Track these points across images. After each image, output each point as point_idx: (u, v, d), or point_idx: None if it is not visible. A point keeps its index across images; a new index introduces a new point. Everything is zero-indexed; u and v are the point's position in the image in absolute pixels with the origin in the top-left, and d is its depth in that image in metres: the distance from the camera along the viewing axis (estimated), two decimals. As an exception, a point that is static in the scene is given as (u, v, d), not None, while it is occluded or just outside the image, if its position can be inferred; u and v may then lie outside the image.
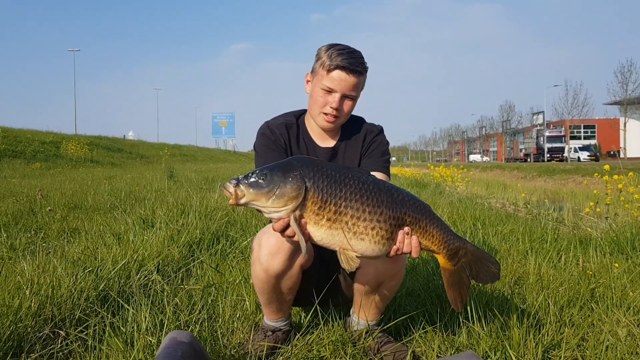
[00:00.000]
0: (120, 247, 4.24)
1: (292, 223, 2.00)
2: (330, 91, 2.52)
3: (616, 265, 3.97)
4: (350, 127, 2.72)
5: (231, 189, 1.99)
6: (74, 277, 3.27)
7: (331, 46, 2.53)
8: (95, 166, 28.10)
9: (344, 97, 2.52)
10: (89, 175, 17.75)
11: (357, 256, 2.07)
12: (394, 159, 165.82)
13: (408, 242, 2.12)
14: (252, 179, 2.00)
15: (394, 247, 2.12)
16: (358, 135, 2.72)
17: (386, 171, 2.67)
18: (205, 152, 63.85)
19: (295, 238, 2.04)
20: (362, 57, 2.54)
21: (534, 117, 73.96)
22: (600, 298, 3.33)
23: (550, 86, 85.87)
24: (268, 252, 2.40)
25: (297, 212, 2.01)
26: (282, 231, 2.06)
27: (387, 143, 2.77)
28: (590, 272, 3.78)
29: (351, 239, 2.04)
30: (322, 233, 2.04)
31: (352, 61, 2.47)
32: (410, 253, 2.14)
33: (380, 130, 2.76)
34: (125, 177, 15.62)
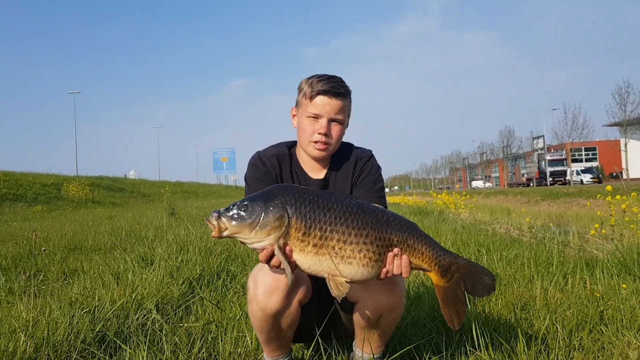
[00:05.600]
0: (118, 287, 4.17)
1: (277, 252, 1.97)
2: (316, 117, 2.50)
3: (624, 286, 3.90)
4: (339, 155, 2.68)
5: (213, 221, 1.98)
6: (70, 318, 3.20)
7: (311, 76, 2.54)
8: (96, 206, 28.04)
9: (331, 121, 2.50)
10: (90, 216, 17.71)
11: (346, 281, 2.03)
12: (396, 188, 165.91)
13: (398, 263, 2.08)
14: (234, 211, 1.98)
15: (384, 270, 2.08)
16: (348, 163, 2.67)
17: (381, 201, 2.61)
18: (207, 188, 63.90)
19: (282, 267, 1.99)
20: (344, 82, 2.54)
21: (534, 142, 74.11)
22: (609, 320, 3.26)
23: (548, 110, 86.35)
24: (264, 290, 2.32)
25: (282, 241, 1.98)
26: (268, 261, 2.02)
27: (379, 168, 2.71)
28: (598, 294, 3.71)
29: (339, 264, 2.01)
30: (309, 260, 2.01)
31: (333, 85, 2.47)
32: (401, 274, 2.09)
33: (370, 156, 2.70)
34: (126, 216, 15.58)
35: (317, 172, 2.67)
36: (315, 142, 2.52)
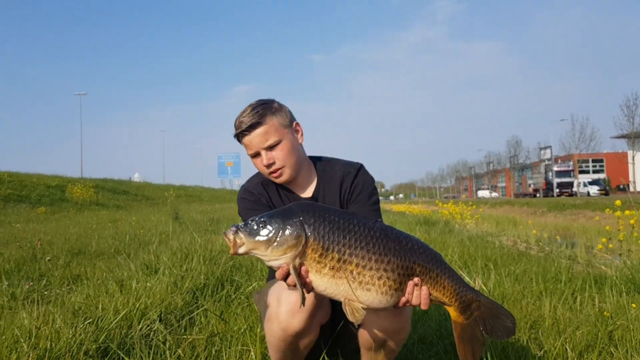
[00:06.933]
0: (122, 295, 4.13)
1: (292, 271, 1.92)
2: (255, 155, 2.50)
3: (633, 305, 3.83)
4: (325, 172, 2.65)
5: (231, 236, 1.94)
6: (73, 328, 3.16)
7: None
8: (100, 209, 28.03)
9: (268, 149, 2.47)
10: (94, 219, 17.71)
11: (363, 307, 1.96)
12: (401, 195, 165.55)
13: (417, 293, 2.01)
14: (252, 227, 1.94)
15: (403, 299, 2.01)
16: (335, 179, 2.62)
17: (376, 214, 2.57)
18: (211, 193, 63.94)
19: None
20: (258, 105, 2.49)
21: (542, 152, 73.80)
22: (619, 341, 3.20)
23: (556, 120, 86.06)
24: (288, 309, 2.26)
25: (297, 261, 1.92)
26: (285, 279, 1.98)
27: (372, 181, 2.65)
28: (608, 314, 3.64)
29: (356, 289, 1.94)
30: (325, 282, 1.94)
31: (246, 119, 2.44)
32: (419, 305, 2.03)
33: (358, 170, 2.64)
34: (130, 220, 15.56)
35: (304, 191, 2.64)
36: (269, 173, 2.51)
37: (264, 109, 2.46)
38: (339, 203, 2.60)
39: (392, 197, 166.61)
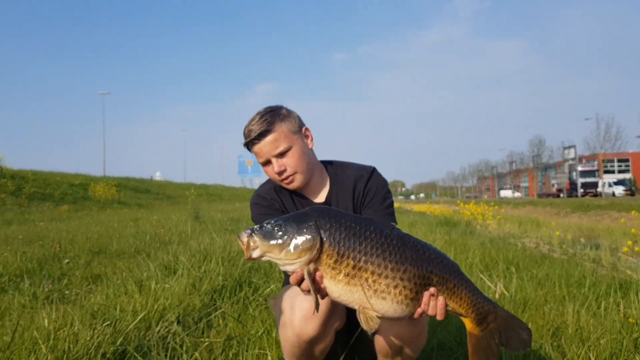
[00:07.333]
0: (141, 296, 4.13)
1: (306, 276, 1.88)
2: (266, 163, 2.48)
3: (659, 312, 3.74)
4: (337, 176, 2.62)
5: (245, 238, 1.90)
6: (91, 330, 3.16)
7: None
8: (122, 208, 28.24)
9: (279, 156, 2.45)
10: (116, 218, 17.86)
11: (377, 316, 1.92)
12: (422, 195, 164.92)
13: (434, 304, 1.96)
14: (266, 229, 1.91)
15: (419, 310, 1.96)
16: (348, 183, 2.59)
17: (391, 217, 2.53)
18: (232, 192, 64.17)
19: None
20: (267, 112, 2.46)
21: (566, 152, 72.89)
22: (644, 349, 3.12)
23: (580, 120, 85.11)
24: (302, 316, 2.25)
25: (312, 266, 1.89)
26: (299, 284, 1.95)
27: (385, 184, 2.62)
28: (633, 320, 3.56)
29: (371, 298, 1.89)
30: (339, 289, 1.90)
31: (255, 128, 2.42)
32: (435, 316, 1.98)
33: (371, 173, 2.61)
34: (151, 219, 15.66)
35: (316, 195, 2.62)
36: (281, 180, 2.49)
37: (272, 116, 2.44)
38: (353, 207, 2.57)
39: (412, 197, 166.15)
